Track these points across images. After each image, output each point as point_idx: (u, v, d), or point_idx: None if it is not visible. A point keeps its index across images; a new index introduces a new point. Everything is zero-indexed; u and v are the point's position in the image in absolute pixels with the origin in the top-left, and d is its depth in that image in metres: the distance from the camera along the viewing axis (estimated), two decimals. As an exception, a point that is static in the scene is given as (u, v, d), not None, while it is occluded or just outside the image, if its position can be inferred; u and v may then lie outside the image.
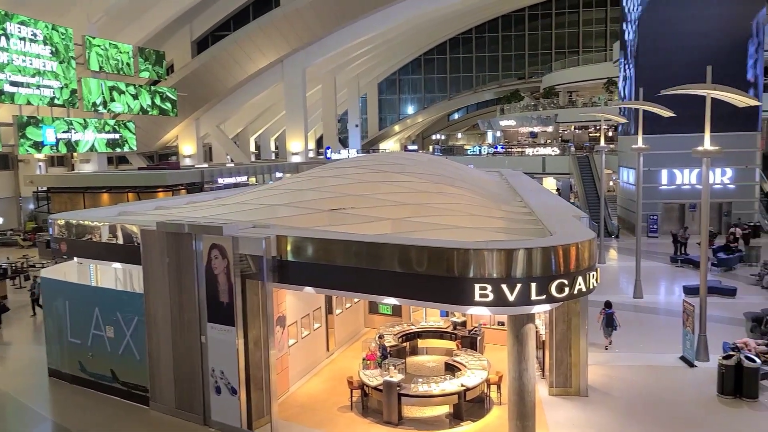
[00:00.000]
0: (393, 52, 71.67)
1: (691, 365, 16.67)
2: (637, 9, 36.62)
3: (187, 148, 54.68)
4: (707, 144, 17.10)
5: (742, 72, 34.68)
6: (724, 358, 14.99)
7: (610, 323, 18.34)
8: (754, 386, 14.58)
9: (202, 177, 40.45)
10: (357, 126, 73.10)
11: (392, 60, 76.31)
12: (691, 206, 36.26)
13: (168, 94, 45.38)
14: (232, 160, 56.47)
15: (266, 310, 13.34)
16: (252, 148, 70.48)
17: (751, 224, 33.74)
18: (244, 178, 44.76)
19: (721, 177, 35.55)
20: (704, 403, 14.61)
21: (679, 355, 17.30)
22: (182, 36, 52.32)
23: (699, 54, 33.42)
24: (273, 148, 76.04)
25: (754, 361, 14.75)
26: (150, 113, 44.08)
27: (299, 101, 52.14)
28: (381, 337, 16.79)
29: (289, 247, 13.08)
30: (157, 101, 44.34)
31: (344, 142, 74.23)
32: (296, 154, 52.61)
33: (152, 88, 44.76)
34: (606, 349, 18.26)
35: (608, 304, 18.60)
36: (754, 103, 17.27)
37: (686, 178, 35.98)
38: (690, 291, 22.95)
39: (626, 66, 39.80)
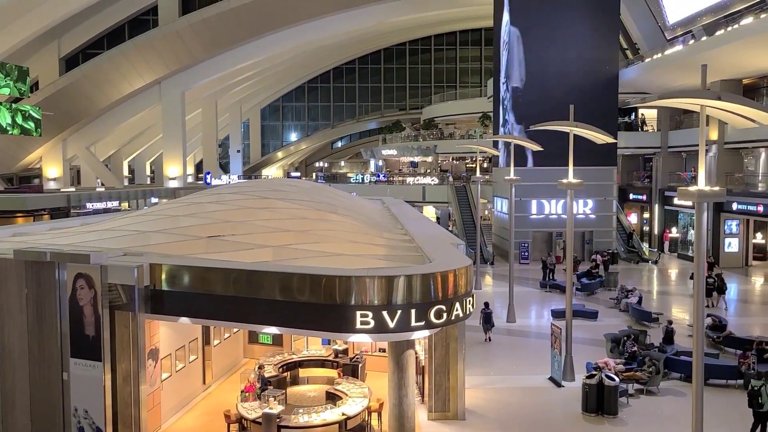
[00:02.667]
0: (277, 79, 71.37)
1: (559, 385, 17.63)
2: (510, 49, 39.01)
3: (52, 170, 51.07)
4: (571, 177, 18.40)
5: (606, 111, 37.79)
6: (588, 377, 16.00)
7: (488, 320, 21.76)
8: (614, 403, 15.64)
9: (68, 201, 37.89)
10: (239, 151, 71.71)
11: (276, 86, 75.95)
12: (558, 234, 38.71)
13: (31, 112, 42.26)
14: (102, 184, 53.35)
15: (137, 342, 12.63)
16: (125, 171, 67.04)
17: (610, 251, 36.51)
18: (115, 203, 42.41)
19: (584, 208, 38.30)
20: (570, 421, 15.47)
21: (548, 375, 18.25)
22: (49, 52, 49.08)
23: (566, 93, 36.17)
24: (149, 172, 72.73)
25: (613, 380, 15.85)
26: (10, 132, 40.74)
27: (178, 124, 50.42)
28: (261, 367, 16.37)
29: (163, 276, 12.52)
30: (19, 120, 41.12)
31: (225, 168, 72.49)
32: (174, 178, 50.67)
33: (13, 105, 41.47)
34: (485, 341, 21.39)
35: (486, 305, 22.15)
36: (610, 140, 18.86)
37: (553, 208, 38.44)
38: (557, 314, 24.36)
39: (501, 101, 42.11)
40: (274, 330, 12.86)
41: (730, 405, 16.32)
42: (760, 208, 32.71)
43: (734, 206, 34.65)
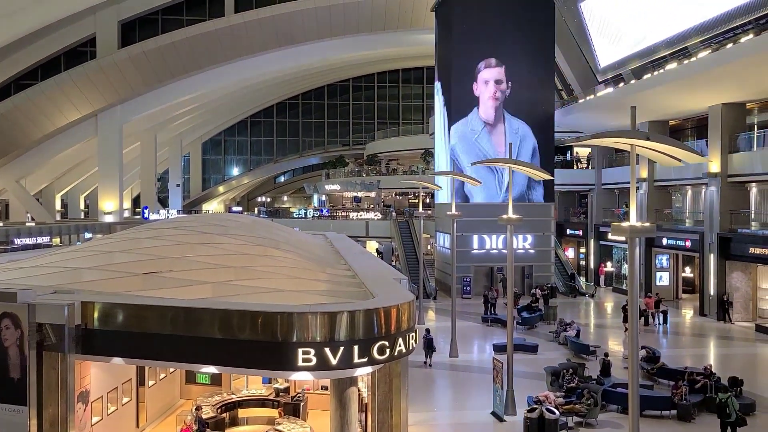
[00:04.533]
0: (218, 113, 70.81)
1: (501, 420, 17.71)
2: (449, 88, 39.99)
3: (-21, 204, 48.79)
4: (510, 212, 18.84)
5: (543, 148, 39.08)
6: (529, 411, 16.14)
7: (430, 346, 22.89)
8: (555, 436, 15.80)
9: (-6, 237, 36.15)
10: (178, 186, 70.40)
11: (218, 120, 75.28)
12: (499, 269, 39.33)
13: (-43, 143, 40.51)
14: (33, 219, 51.23)
15: (66, 385, 12.02)
16: (58, 206, 64.64)
17: (549, 286, 37.30)
18: (46, 239, 40.73)
19: (523, 243, 39.14)
20: (513, 455, 15.52)
21: (491, 410, 18.31)
22: (-21, 82, 47.40)
23: (506, 132, 37.24)
24: (83, 206, 70.38)
25: (553, 413, 16.05)
26: (-67, 164, 38.91)
27: (114, 158, 49.16)
28: (198, 408, 15.82)
29: (96, 315, 12.03)
30: (-57, 151, 39.32)
31: (164, 202, 70.88)
32: (109, 213, 49.15)
33: (-62, 135, 39.69)
34: (425, 364, 22.57)
35: (428, 331, 23.37)
36: (547, 177, 19.46)
37: (494, 243, 39.12)
38: (498, 348, 24.61)
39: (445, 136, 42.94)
40: (212, 369, 12.50)
41: (665, 435, 16.76)
42: (688, 243, 34.22)
43: (664, 241, 36.12)
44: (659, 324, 30.11)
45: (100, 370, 14.16)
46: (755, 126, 33.34)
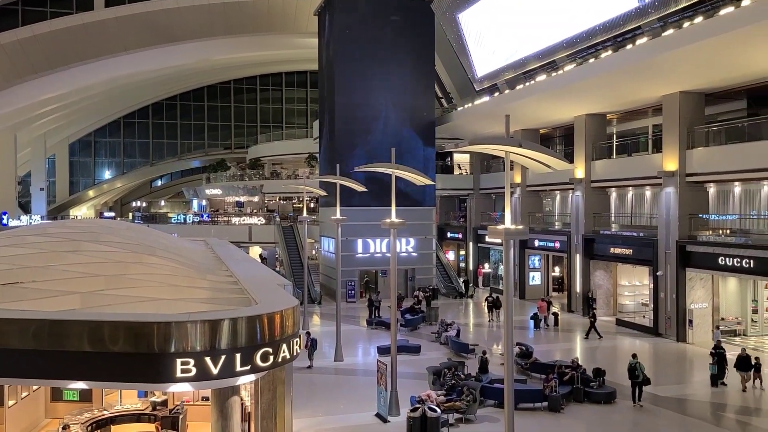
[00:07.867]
0: (88, 112, 66.52)
1: (385, 421, 17.96)
2: (332, 92, 40.12)
3: None
4: (393, 216, 19.18)
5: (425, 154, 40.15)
6: (412, 411, 16.50)
7: (314, 346, 23.71)
8: (437, 434, 16.25)
9: None
10: (42, 189, 65.36)
11: (87, 120, 70.68)
12: (383, 272, 39.90)
13: None
14: None
15: None
16: None
17: (431, 288, 38.33)
18: None
19: (406, 246, 39.97)
20: (397, 455, 15.78)
21: (375, 412, 18.52)
22: None
23: (389, 137, 37.93)
24: (-72, 212, 63.64)
25: (435, 411, 16.50)
26: None
27: (-32, 159, 44.95)
28: (66, 427, 14.77)
29: (-56, 331, 10.89)
30: None
31: (26, 207, 65.57)
32: (-39, 219, 44.82)
33: None
34: (309, 367, 23.18)
35: (308, 333, 23.74)
36: (429, 182, 20.03)
37: (378, 247, 39.64)
38: (383, 351, 24.95)
39: (325, 142, 42.97)
40: (81, 385, 11.71)
41: (538, 426, 17.73)
42: (557, 244, 36.48)
43: (536, 243, 38.27)
44: (549, 326, 31.42)
45: (-51, 392, 12.85)
46: (614, 135, 36.23)
